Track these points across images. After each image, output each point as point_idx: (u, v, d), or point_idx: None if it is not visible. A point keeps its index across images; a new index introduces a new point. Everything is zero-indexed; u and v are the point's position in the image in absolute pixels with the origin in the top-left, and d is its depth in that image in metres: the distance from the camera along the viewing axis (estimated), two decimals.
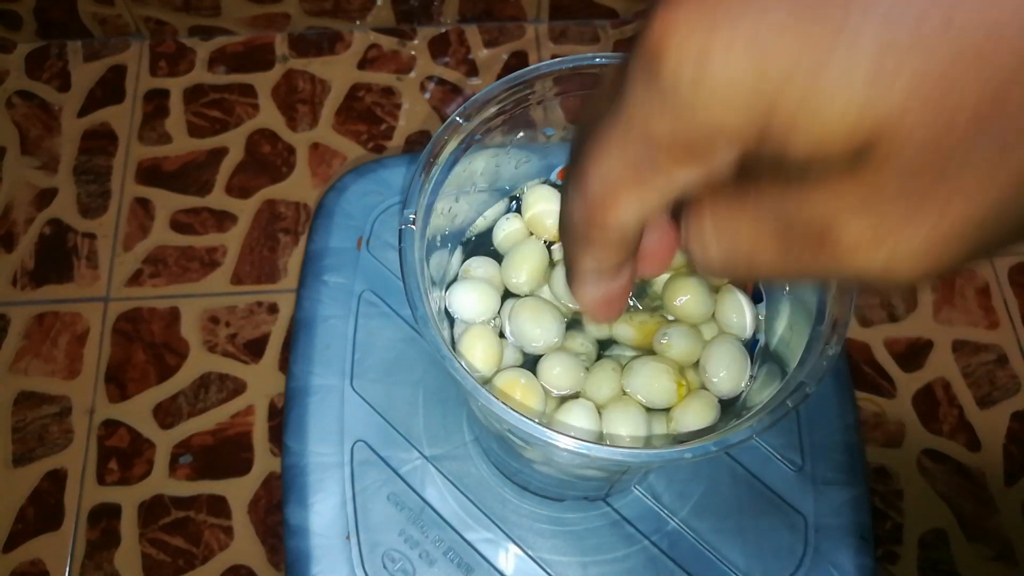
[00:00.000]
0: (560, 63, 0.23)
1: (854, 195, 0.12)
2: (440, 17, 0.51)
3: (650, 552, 0.33)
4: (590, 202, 0.15)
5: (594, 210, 0.15)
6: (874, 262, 0.12)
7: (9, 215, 0.46)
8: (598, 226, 0.15)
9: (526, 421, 0.19)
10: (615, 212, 0.15)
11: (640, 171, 0.14)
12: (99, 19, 0.50)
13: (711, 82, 0.12)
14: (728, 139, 0.12)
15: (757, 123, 0.12)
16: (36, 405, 0.42)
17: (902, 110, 0.10)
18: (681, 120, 0.12)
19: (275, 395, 0.42)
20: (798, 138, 0.11)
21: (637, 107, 0.13)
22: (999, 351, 0.43)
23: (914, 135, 0.11)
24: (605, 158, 0.14)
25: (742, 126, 0.12)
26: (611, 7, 0.51)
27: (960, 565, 0.39)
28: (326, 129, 0.49)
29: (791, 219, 0.13)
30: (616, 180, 0.14)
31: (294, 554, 0.33)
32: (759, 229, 0.13)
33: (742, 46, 0.11)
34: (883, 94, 0.10)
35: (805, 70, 0.11)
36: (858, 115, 0.11)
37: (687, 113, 0.12)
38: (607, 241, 0.16)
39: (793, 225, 0.13)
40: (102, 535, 0.39)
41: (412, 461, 0.34)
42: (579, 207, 0.15)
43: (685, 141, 0.13)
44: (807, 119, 0.11)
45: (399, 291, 0.37)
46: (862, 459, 0.35)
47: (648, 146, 0.13)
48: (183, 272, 0.45)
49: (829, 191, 0.12)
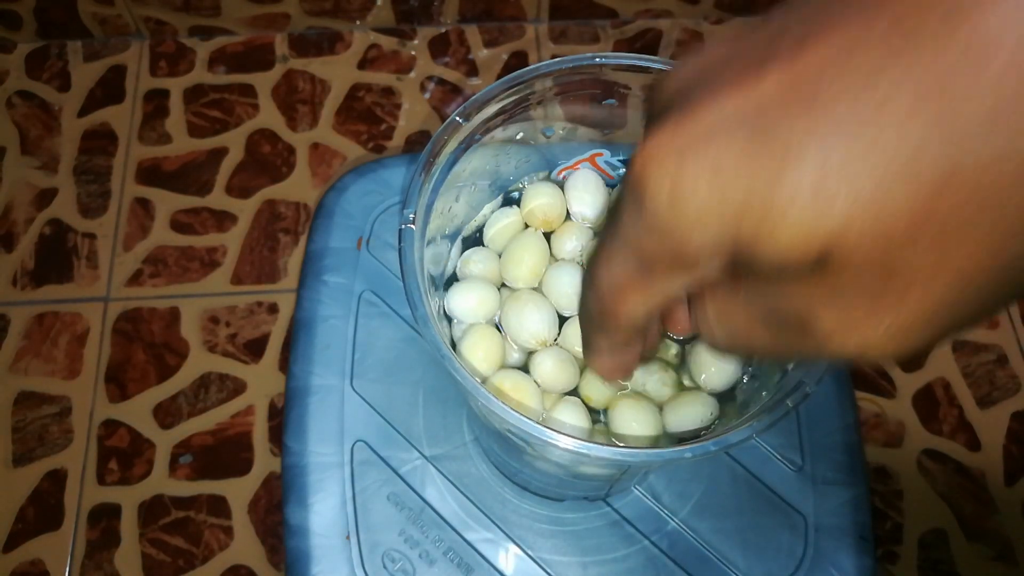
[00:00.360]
0: (560, 63, 0.23)
1: (821, 293, 0.13)
2: (440, 17, 0.51)
3: (650, 552, 0.33)
4: (602, 300, 0.17)
5: (605, 306, 0.17)
6: (848, 347, 0.14)
7: (9, 215, 0.46)
8: (611, 318, 0.17)
9: (526, 421, 0.19)
10: (624, 309, 0.17)
11: (640, 278, 0.16)
12: (99, 19, 0.50)
13: (683, 208, 0.13)
14: (707, 253, 0.14)
15: (727, 240, 0.13)
16: (36, 405, 0.42)
17: (845, 226, 0.12)
18: (664, 240, 0.14)
19: (275, 395, 0.42)
20: (763, 251, 0.13)
21: (629, 227, 0.15)
22: (999, 351, 0.43)
23: (859, 245, 0.12)
24: (610, 265, 0.16)
25: (715, 243, 0.14)
26: (611, 7, 0.51)
27: (960, 565, 0.39)
28: (326, 129, 0.49)
29: (774, 310, 0.14)
30: (621, 284, 0.16)
31: (294, 554, 0.33)
32: (750, 318, 0.15)
33: (706, 176, 0.13)
34: (826, 213, 0.12)
35: (759, 196, 0.12)
36: (808, 232, 0.12)
37: (667, 234, 0.14)
38: (618, 329, 0.18)
39: (777, 315, 0.15)
40: (102, 535, 0.39)
41: (412, 461, 0.34)
42: (594, 302, 0.17)
43: (671, 256, 0.15)
44: (766, 237, 0.13)
45: (399, 291, 0.37)
46: (862, 459, 0.35)
47: (642, 259, 0.15)
48: (183, 272, 0.45)
49: (800, 289, 0.13)
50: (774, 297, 0.14)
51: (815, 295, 0.13)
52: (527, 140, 0.27)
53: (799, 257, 0.13)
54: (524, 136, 0.26)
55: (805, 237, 0.12)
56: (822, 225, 0.12)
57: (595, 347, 0.20)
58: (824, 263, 0.12)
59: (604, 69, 0.23)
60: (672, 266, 0.15)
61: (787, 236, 0.12)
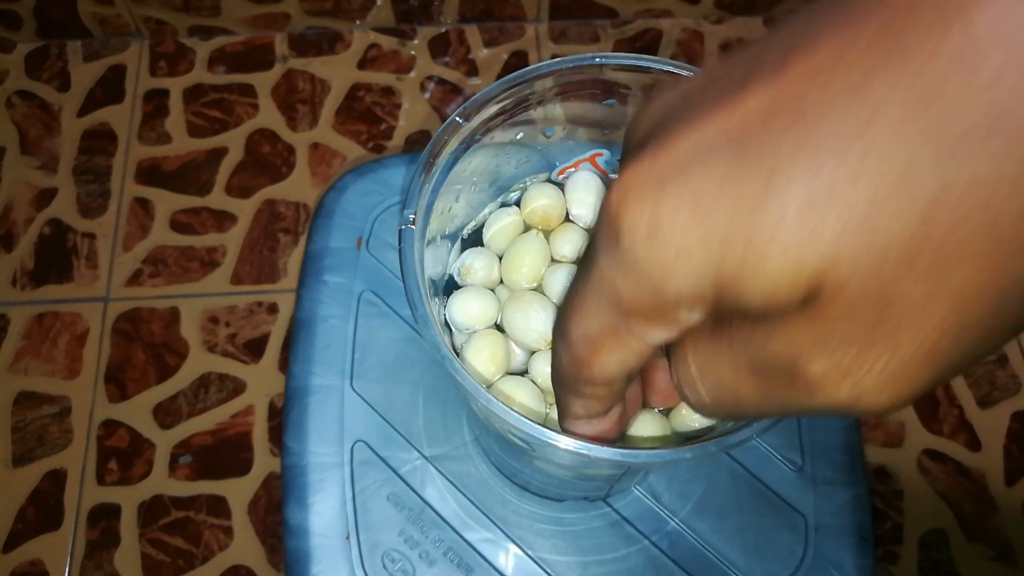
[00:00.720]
0: (560, 63, 0.23)
1: (810, 336, 0.12)
2: (440, 17, 0.51)
3: (650, 552, 0.33)
4: (575, 358, 0.16)
5: (578, 366, 0.16)
6: (840, 395, 0.12)
7: (9, 215, 0.46)
8: (583, 380, 0.16)
9: (526, 422, 0.19)
10: (598, 368, 0.15)
11: (615, 329, 0.14)
12: (99, 19, 0.50)
13: (662, 243, 0.12)
14: (689, 295, 0.13)
15: (710, 277, 0.12)
16: (36, 405, 0.42)
17: (834, 256, 0.11)
18: (642, 281, 0.13)
19: (275, 395, 0.42)
20: (748, 292, 0.12)
21: (603, 269, 0.14)
22: (999, 351, 0.43)
23: (851, 274, 0.11)
24: (583, 319, 0.15)
25: (697, 282, 0.12)
26: (611, 7, 0.51)
27: (960, 565, 0.39)
28: (326, 129, 0.49)
29: (761, 358, 0.13)
30: (594, 341, 0.15)
31: (294, 554, 0.33)
32: (736, 369, 0.14)
33: (686, 207, 0.12)
34: (815, 238, 0.11)
35: (743, 223, 0.11)
36: (796, 262, 0.11)
37: (645, 274, 0.13)
38: (593, 392, 0.17)
39: (764, 363, 0.13)
40: (102, 535, 0.39)
41: (412, 461, 0.34)
42: (566, 360, 0.16)
43: (650, 300, 0.13)
44: (751, 275, 0.12)
45: (399, 291, 0.37)
46: (862, 459, 0.35)
47: (618, 306, 0.14)
48: (183, 272, 0.45)
49: (788, 333, 0.12)
50: (760, 342, 0.13)
51: (804, 336, 0.12)
52: (527, 140, 0.27)
53: (787, 291, 0.12)
54: (524, 136, 0.26)
55: (793, 267, 0.11)
56: (811, 253, 0.11)
57: (570, 413, 0.18)
58: (813, 298, 0.12)
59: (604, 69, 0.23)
60: (651, 313, 0.14)
61: (774, 267, 0.11)
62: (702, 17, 0.52)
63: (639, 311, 0.14)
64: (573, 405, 0.18)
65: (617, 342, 0.15)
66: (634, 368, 0.15)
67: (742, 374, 0.14)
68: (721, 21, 0.52)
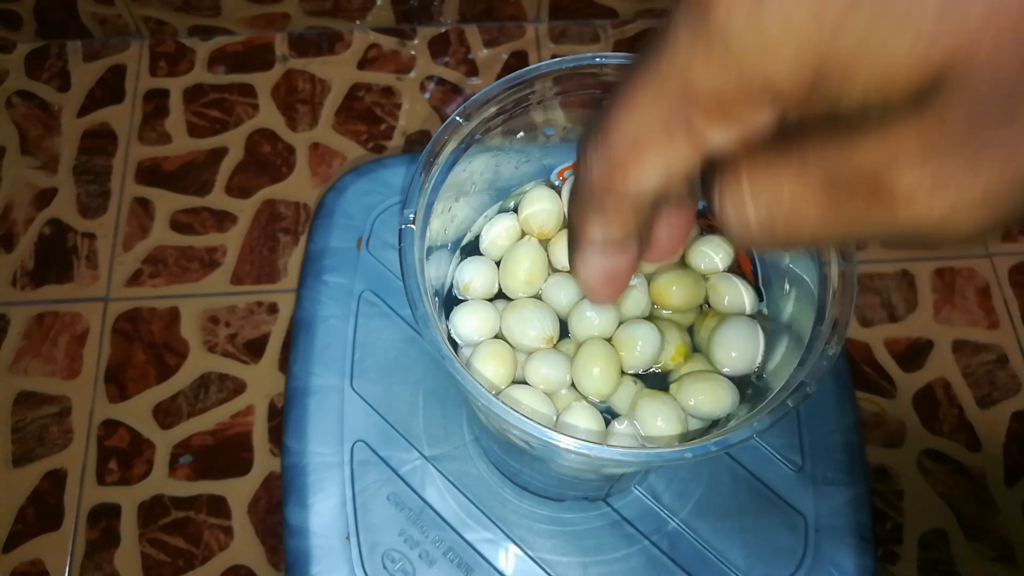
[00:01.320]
0: (560, 63, 0.23)
1: (913, 140, 0.11)
2: (440, 17, 0.51)
3: (650, 552, 0.33)
4: (611, 162, 0.14)
5: (614, 171, 0.14)
6: (932, 213, 0.11)
7: (9, 215, 0.46)
8: (615, 190, 0.14)
9: (526, 421, 0.19)
10: (636, 174, 0.14)
11: (671, 130, 0.13)
12: (99, 19, 0.50)
13: (765, 25, 0.11)
14: (776, 93, 0.11)
15: (812, 69, 0.11)
16: (36, 405, 0.42)
17: (975, 42, 0.09)
18: (727, 70, 0.11)
19: (275, 395, 0.42)
20: (857, 80, 0.11)
21: (678, 57, 0.12)
22: (999, 351, 0.43)
23: (986, 71, 0.10)
24: (634, 114, 0.13)
25: (795, 74, 0.11)
26: (611, 7, 0.51)
27: (960, 565, 0.39)
28: (326, 129, 0.49)
29: (839, 172, 0.12)
30: (643, 139, 0.13)
31: (294, 554, 0.33)
32: (803, 186, 0.12)
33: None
34: (955, 25, 0.09)
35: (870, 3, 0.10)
36: (927, 49, 0.10)
37: (735, 62, 0.11)
38: (621, 208, 0.15)
39: (842, 178, 0.12)
40: (102, 535, 0.39)
41: (412, 461, 0.34)
42: (597, 167, 0.14)
43: (728, 96, 0.12)
44: (870, 56, 0.10)
45: (399, 291, 0.37)
46: (862, 459, 0.35)
47: (684, 102, 0.12)
48: (183, 272, 0.45)
49: (885, 138, 0.11)
50: (842, 153, 0.11)
51: (904, 144, 0.11)
52: (527, 140, 0.27)
53: (905, 81, 0.10)
54: (524, 136, 0.26)
55: (921, 57, 0.10)
56: (946, 41, 0.10)
57: (587, 240, 0.16)
58: (932, 96, 0.10)
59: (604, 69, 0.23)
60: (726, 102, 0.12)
61: (897, 56, 0.10)
62: None
63: (712, 99, 0.12)
64: (591, 226, 0.16)
65: (667, 141, 0.13)
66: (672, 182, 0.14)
67: (810, 190, 0.12)
68: None
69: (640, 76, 0.13)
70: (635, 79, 0.13)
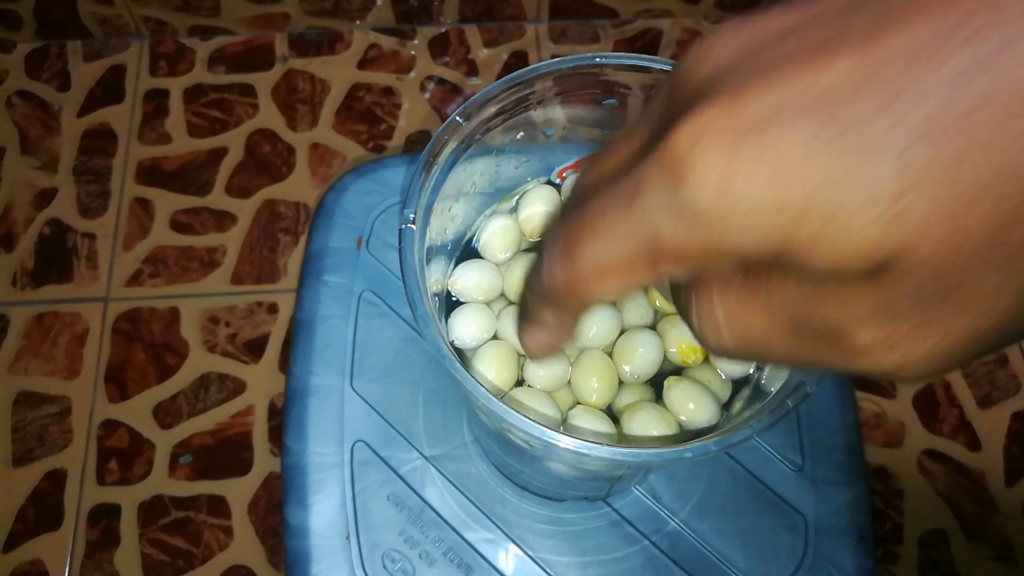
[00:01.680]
0: (560, 63, 0.23)
1: (868, 305, 0.12)
2: (440, 17, 0.51)
3: (650, 552, 0.33)
4: (575, 277, 0.15)
5: (576, 285, 0.15)
6: (884, 363, 0.13)
7: (9, 215, 0.46)
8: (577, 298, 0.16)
9: (525, 420, 0.19)
10: (597, 291, 0.15)
11: (636, 264, 0.14)
12: (99, 19, 0.50)
13: (732, 202, 0.12)
14: (741, 256, 0.13)
15: (775, 244, 0.12)
16: (36, 405, 0.42)
17: (917, 240, 0.11)
18: (694, 234, 0.12)
19: (275, 395, 0.42)
20: (817, 258, 0.12)
21: (649, 209, 0.13)
22: (999, 351, 0.43)
23: (928, 260, 0.11)
24: (602, 242, 0.14)
25: (758, 248, 0.12)
26: (611, 7, 0.51)
27: (960, 565, 0.39)
28: (326, 129, 0.49)
29: (804, 318, 0.13)
30: (609, 266, 0.14)
31: (294, 554, 0.33)
32: (772, 322, 0.14)
33: (765, 169, 0.11)
34: (900, 225, 0.11)
35: (827, 197, 0.11)
36: (876, 244, 0.11)
37: (702, 230, 0.12)
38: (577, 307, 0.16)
39: (806, 324, 0.13)
40: (102, 535, 0.39)
41: (412, 461, 0.34)
42: (562, 276, 0.15)
43: (692, 252, 0.13)
44: (827, 243, 0.11)
45: (399, 291, 0.37)
46: (862, 459, 0.35)
47: (651, 247, 0.13)
48: (183, 272, 0.45)
49: (844, 299, 0.12)
50: (809, 304, 0.13)
51: (862, 305, 0.12)
52: (527, 140, 0.27)
53: (860, 264, 0.12)
54: (524, 136, 0.26)
55: (874, 244, 0.11)
56: (895, 234, 0.11)
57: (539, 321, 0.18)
58: (884, 271, 0.11)
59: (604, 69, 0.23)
60: (690, 258, 0.13)
61: (853, 242, 0.11)
62: (702, 17, 0.52)
63: (677, 254, 0.13)
64: (545, 313, 0.17)
65: (631, 273, 0.14)
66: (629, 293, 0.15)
67: (778, 329, 0.14)
68: (721, 21, 0.52)
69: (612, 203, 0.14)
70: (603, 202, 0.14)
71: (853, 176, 0.11)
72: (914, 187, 0.11)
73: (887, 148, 0.11)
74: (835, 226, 0.11)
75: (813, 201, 0.11)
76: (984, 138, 0.10)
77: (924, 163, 0.11)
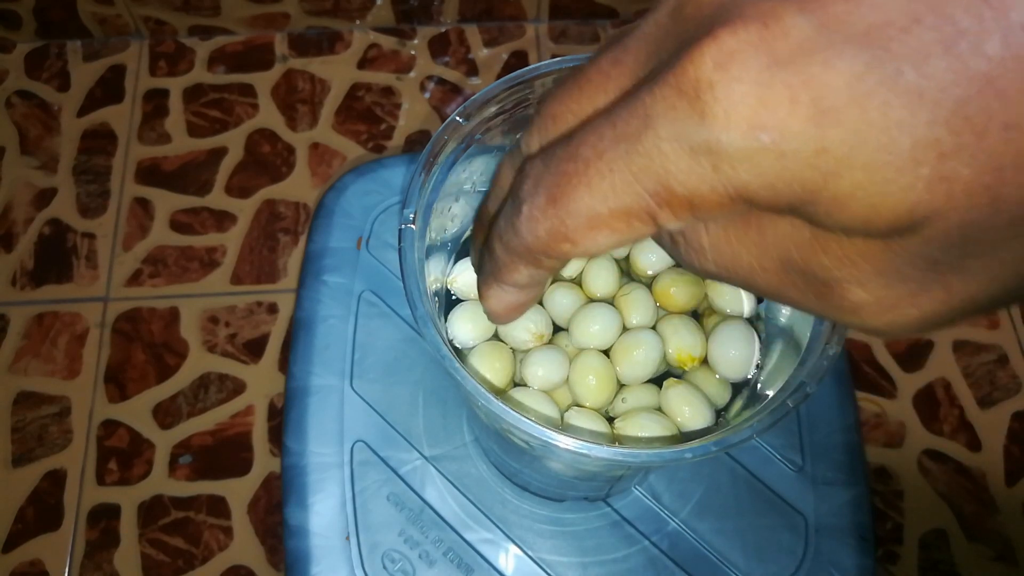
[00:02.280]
0: (560, 63, 0.23)
1: (872, 266, 0.11)
2: (440, 17, 0.51)
3: (650, 552, 0.33)
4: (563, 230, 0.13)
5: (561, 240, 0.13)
6: (872, 323, 0.12)
7: (8, 215, 0.46)
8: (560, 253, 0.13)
9: (525, 420, 0.19)
10: (583, 246, 0.13)
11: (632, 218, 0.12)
12: (99, 19, 0.50)
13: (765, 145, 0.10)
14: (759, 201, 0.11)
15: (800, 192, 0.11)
16: (36, 405, 0.42)
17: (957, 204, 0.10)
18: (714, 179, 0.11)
19: (275, 395, 0.42)
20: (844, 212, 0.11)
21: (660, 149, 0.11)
22: (999, 351, 0.43)
23: (957, 227, 0.10)
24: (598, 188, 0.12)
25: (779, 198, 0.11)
26: (611, 7, 0.51)
27: (960, 565, 0.39)
28: (326, 129, 0.49)
29: (797, 264, 0.12)
30: (600, 220, 0.12)
31: (294, 554, 0.33)
32: (760, 259, 0.12)
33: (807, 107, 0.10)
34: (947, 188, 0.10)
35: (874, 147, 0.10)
36: (917, 202, 0.10)
37: (725, 173, 0.11)
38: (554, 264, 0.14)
39: (798, 269, 0.12)
40: (102, 535, 0.39)
41: (412, 461, 0.34)
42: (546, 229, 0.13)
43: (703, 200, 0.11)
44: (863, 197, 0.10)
45: (399, 291, 0.37)
46: (862, 459, 0.35)
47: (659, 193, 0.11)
48: (183, 272, 0.45)
49: (849, 256, 0.11)
50: (806, 250, 0.12)
51: (862, 266, 0.11)
52: None
53: (887, 224, 0.10)
54: None
55: (913, 204, 0.10)
56: (939, 195, 0.10)
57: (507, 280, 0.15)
58: (907, 234, 0.11)
59: None
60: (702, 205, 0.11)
61: (892, 200, 0.10)
62: None
63: (690, 202, 0.11)
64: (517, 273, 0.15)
65: (626, 226, 0.12)
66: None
67: (768, 266, 0.12)
68: None
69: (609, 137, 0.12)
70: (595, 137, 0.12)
71: (904, 126, 0.10)
72: (965, 147, 0.10)
73: (943, 98, 0.10)
74: (877, 180, 0.10)
75: (859, 149, 0.10)
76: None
77: (979, 121, 0.09)
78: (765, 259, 0.12)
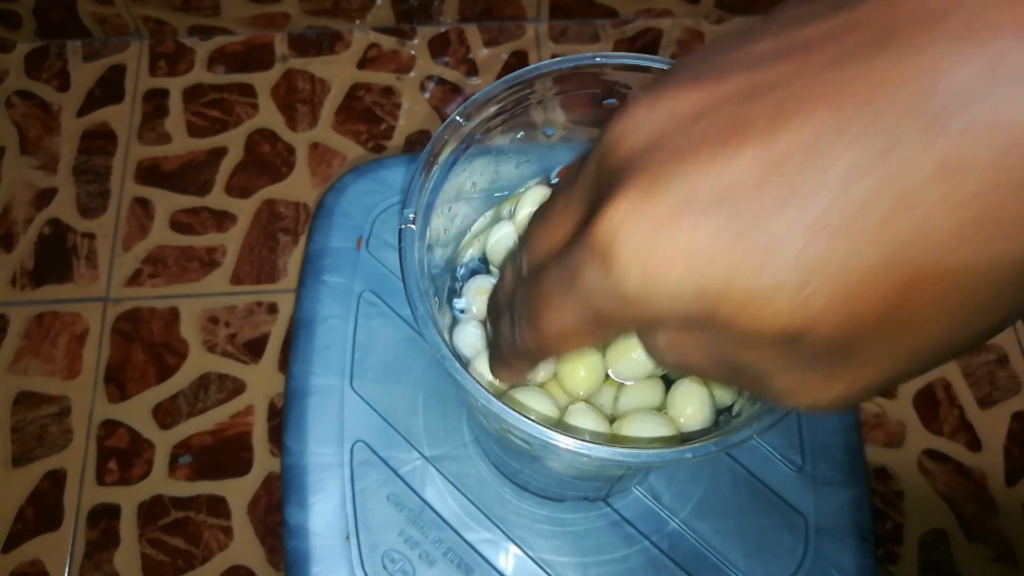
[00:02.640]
0: (560, 63, 0.23)
1: (784, 360, 0.14)
2: (440, 17, 0.51)
3: (650, 553, 0.33)
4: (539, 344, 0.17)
5: (541, 348, 0.18)
6: (802, 404, 0.15)
7: (8, 215, 0.46)
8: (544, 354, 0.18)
9: (525, 421, 0.19)
10: (560, 350, 0.17)
11: (589, 330, 0.16)
12: (99, 19, 0.50)
13: (655, 286, 0.13)
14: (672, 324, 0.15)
15: (699, 318, 0.14)
16: (36, 405, 0.42)
17: (821, 320, 0.12)
18: (629, 308, 0.14)
19: (275, 395, 0.42)
20: (735, 330, 0.13)
21: (588, 291, 0.15)
22: (999, 351, 0.43)
23: (830, 335, 0.13)
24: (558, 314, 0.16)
25: (684, 319, 0.14)
26: (611, 7, 0.51)
27: (960, 565, 0.39)
28: (326, 129, 0.49)
29: (730, 362, 0.15)
30: (568, 332, 0.16)
31: (294, 555, 0.33)
32: (703, 357, 0.15)
33: (681, 259, 0.13)
34: (806, 311, 0.12)
35: (740, 286, 0.13)
36: (787, 323, 0.13)
37: (634, 308, 0.14)
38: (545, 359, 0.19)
39: (732, 366, 0.15)
40: (101, 535, 0.39)
41: (412, 461, 0.34)
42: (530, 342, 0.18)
43: (630, 324, 0.15)
44: (743, 322, 0.13)
45: (399, 291, 0.37)
46: (862, 459, 0.35)
47: (597, 319, 0.15)
48: (183, 272, 0.45)
49: (762, 355, 0.14)
50: (732, 352, 0.14)
51: (778, 361, 0.14)
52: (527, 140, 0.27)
53: (772, 337, 0.13)
54: (524, 136, 0.26)
55: (784, 325, 0.13)
56: (802, 317, 0.13)
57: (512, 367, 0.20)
58: (794, 342, 0.13)
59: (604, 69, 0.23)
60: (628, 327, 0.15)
61: (766, 323, 0.13)
62: (702, 17, 0.52)
63: (619, 325, 0.15)
64: (520, 366, 0.20)
65: (587, 336, 0.16)
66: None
67: (710, 362, 0.15)
68: (721, 21, 0.52)
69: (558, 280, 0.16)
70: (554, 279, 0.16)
71: (761, 271, 0.12)
72: (814, 279, 0.12)
73: (788, 245, 0.12)
74: (749, 311, 0.13)
75: (727, 290, 0.13)
76: (871, 234, 0.12)
77: (821, 259, 0.12)
78: (706, 359, 0.15)
